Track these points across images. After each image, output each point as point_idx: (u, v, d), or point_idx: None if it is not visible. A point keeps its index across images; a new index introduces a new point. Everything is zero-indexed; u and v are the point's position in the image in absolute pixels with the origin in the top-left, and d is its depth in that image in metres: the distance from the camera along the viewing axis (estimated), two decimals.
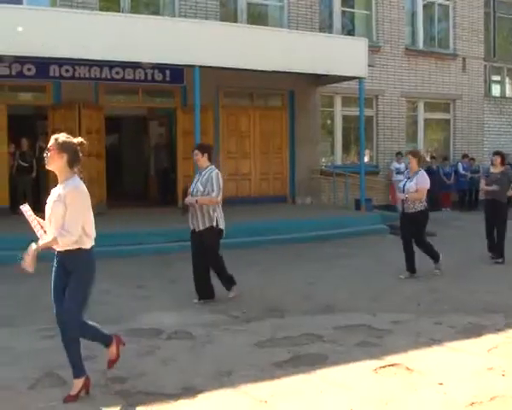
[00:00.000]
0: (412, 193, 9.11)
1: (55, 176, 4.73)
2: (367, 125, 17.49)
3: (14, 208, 14.51)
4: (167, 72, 15.17)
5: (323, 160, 18.11)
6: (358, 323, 6.77)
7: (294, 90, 16.87)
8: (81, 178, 4.66)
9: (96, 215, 4.74)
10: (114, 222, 12.34)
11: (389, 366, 5.42)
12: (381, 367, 5.38)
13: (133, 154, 20.41)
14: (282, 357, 5.63)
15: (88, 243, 4.64)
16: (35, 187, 15.30)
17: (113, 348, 5.00)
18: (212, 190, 7.58)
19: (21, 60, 13.48)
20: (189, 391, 4.85)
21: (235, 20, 16.35)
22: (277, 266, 10.20)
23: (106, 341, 4.98)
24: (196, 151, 7.82)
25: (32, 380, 5.07)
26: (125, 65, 14.45)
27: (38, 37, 11.46)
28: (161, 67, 14.80)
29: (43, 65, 13.95)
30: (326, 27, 17.77)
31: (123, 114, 18.32)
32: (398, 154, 18.13)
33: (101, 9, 14.64)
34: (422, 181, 9.18)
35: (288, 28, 16.42)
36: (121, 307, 7.58)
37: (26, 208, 4.69)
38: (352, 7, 18.76)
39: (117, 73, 14.76)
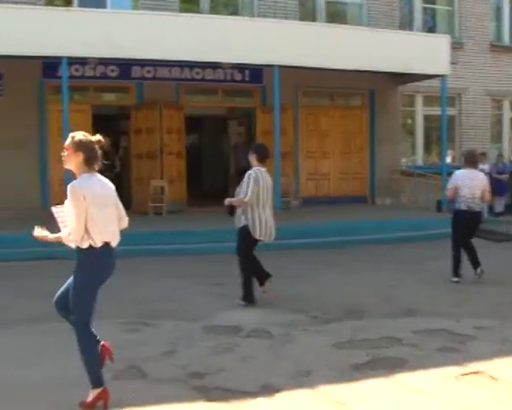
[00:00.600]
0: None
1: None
2: (449, 125, 17.06)
3: None
4: (246, 72, 15.28)
5: (404, 160, 17.78)
6: (440, 327, 6.58)
7: (375, 90, 16.65)
8: (107, 176, 4.63)
9: (175, 213, 4.81)
10: (194, 220, 12.51)
11: (472, 373, 5.23)
12: (463, 374, 5.19)
13: (213, 153, 20.64)
14: (361, 359, 5.54)
15: (87, 243, 4.40)
16: (117, 185, 15.71)
17: (95, 394, 4.43)
18: (245, 192, 7.51)
19: (105, 61, 13.89)
20: (268, 390, 4.84)
21: (313, 19, 16.30)
22: (358, 267, 10.07)
23: (95, 378, 4.44)
24: (250, 151, 7.84)
25: (115, 371, 5.19)
26: (204, 65, 14.65)
27: (121, 39, 11.77)
28: (241, 67, 14.91)
29: (126, 66, 14.33)
30: (406, 25, 17.45)
31: (203, 114, 18.56)
32: (482, 154, 17.55)
33: (181, 11, 14.91)
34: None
35: (368, 26, 16.22)
36: (200, 304, 7.66)
37: (55, 210, 4.68)
38: (434, 3, 18.35)
39: (197, 73, 14.99)
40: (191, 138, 20.04)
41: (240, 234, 7.68)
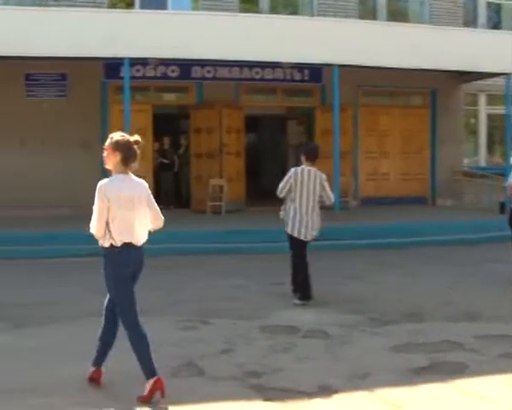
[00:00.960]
0: None
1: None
2: None
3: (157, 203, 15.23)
4: (306, 71, 15.24)
5: (466, 160, 17.38)
6: (502, 333, 6.39)
7: (437, 89, 16.34)
8: (139, 176, 4.74)
9: (234, 212, 4.88)
10: (253, 220, 12.54)
11: None
12: None
13: (271, 153, 20.66)
14: (420, 363, 5.44)
15: (108, 243, 4.56)
16: (175, 183, 15.97)
17: (149, 386, 4.50)
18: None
19: (166, 62, 14.09)
20: (325, 390, 4.81)
21: (374, 17, 16.12)
22: (418, 269, 9.90)
23: (147, 369, 4.57)
24: (301, 152, 7.95)
25: (173, 368, 5.25)
26: (264, 65, 14.68)
27: (182, 40, 11.91)
28: (300, 67, 14.88)
29: (186, 66, 14.50)
30: (470, 21, 17.05)
31: (262, 114, 18.59)
32: None
33: (240, 11, 14.99)
34: None
35: (430, 24, 15.93)
36: (258, 303, 7.67)
37: None
38: None
39: (256, 72, 15.04)
40: (250, 138, 20.12)
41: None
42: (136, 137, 4.78)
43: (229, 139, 14.92)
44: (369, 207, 14.97)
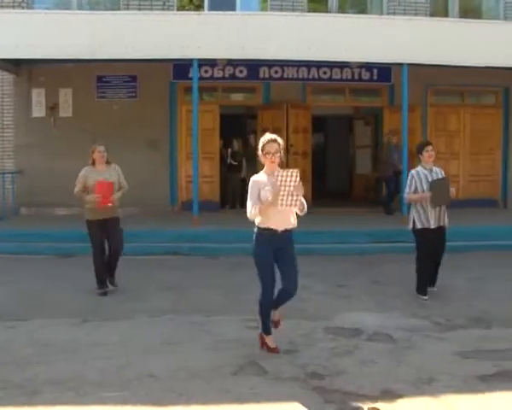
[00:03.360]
0: None
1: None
2: None
3: (223, 204, 15.40)
4: (375, 70, 15.07)
5: None
6: None
7: (509, 87, 15.86)
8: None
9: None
10: (318, 220, 12.49)
11: None
12: None
13: (338, 153, 20.54)
14: (487, 370, 5.31)
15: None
16: (244, 185, 16.04)
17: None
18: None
19: (234, 63, 14.21)
20: (388, 395, 4.76)
21: (445, 14, 15.76)
22: (488, 274, 9.63)
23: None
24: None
25: (235, 367, 5.31)
26: (332, 65, 14.61)
27: (250, 40, 11.99)
28: (369, 66, 14.73)
29: (253, 67, 14.58)
30: None
31: (329, 114, 18.51)
32: None
33: (309, 10, 14.95)
34: None
35: (505, 20, 15.47)
36: (321, 304, 7.67)
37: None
38: None
39: (324, 72, 14.97)
40: (317, 138, 20.06)
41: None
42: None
43: (296, 139, 14.91)
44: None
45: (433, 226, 7.88)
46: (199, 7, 15.08)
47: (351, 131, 19.40)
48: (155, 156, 14.45)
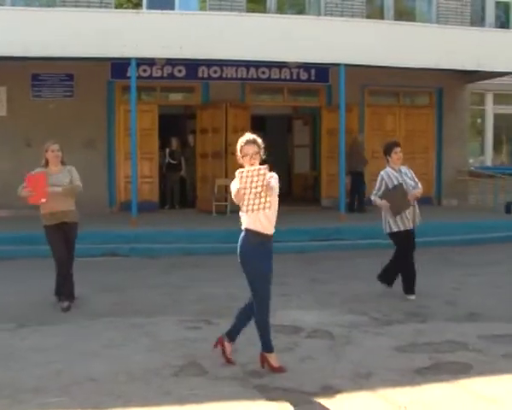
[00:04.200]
0: None
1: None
2: None
3: (162, 204, 15.32)
4: (313, 71, 15.25)
5: (472, 160, 17.34)
6: (505, 333, 6.40)
7: (443, 88, 16.31)
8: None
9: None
10: None
11: None
12: None
13: (277, 152, 20.63)
14: (423, 363, 5.45)
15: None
16: (182, 184, 16.01)
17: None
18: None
19: (173, 62, 14.13)
20: (327, 391, 4.83)
21: (381, 17, 16.11)
22: (422, 270, 9.81)
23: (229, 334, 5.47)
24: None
25: (175, 368, 5.28)
26: (270, 65, 14.70)
27: (189, 40, 11.95)
28: (307, 66, 14.89)
29: (192, 66, 14.54)
30: (478, 21, 17.00)
31: (268, 113, 18.62)
32: None
33: (247, 11, 15.02)
34: None
35: (437, 23, 15.90)
36: None
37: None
38: None
39: (263, 72, 15.06)
40: None
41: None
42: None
43: (235, 139, 14.82)
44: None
45: (409, 228, 7.91)
46: (137, 5, 14.94)
47: (289, 130, 19.55)
48: (93, 157, 14.22)
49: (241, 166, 5.21)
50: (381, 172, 7.96)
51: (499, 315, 7.14)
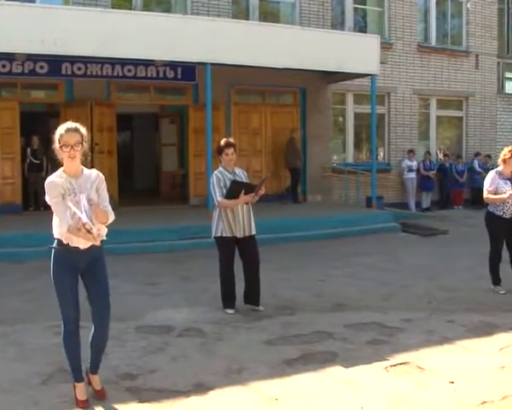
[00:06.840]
0: None
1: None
2: (379, 123, 17.49)
3: (26, 206, 14.65)
4: (179, 69, 15.18)
5: (335, 157, 18.03)
6: (369, 321, 6.75)
7: (306, 88, 16.82)
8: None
9: None
10: (125, 219, 12.33)
11: (400, 364, 5.39)
12: (392, 366, 5.35)
13: (145, 151, 20.47)
14: (293, 355, 5.62)
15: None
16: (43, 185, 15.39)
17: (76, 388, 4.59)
18: None
19: (34, 58, 13.54)
20: (200, 388, 4.85)
21: (246, 17, 16.34)
22: (289, 264, 10.18)
23: (74, 374, 4.60)
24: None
25: (44, 376, 5.10)
26: (136, 62, 14.47)
27: (50, 35, 11.53)
28: (173, 65, 14.80)
29: (55, 63, 14.00)
30: (338, 24, 17.70)
31: (134, 112, 18.38)
32: (410, 151, 18.08)
33: (113, 7, 14.71)
34: None
35: (300, 25, 16.38)
36: (132, 303, 7.59)
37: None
38: (365, 4, 18.65)
39: (129, 70, 14.80)
40: (123, 136, 19.80)
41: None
42: None
43: (101, 138, 14.60)
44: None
45: (239, 236, 7.13)
46: None
47: (157, 129, 19.40)
48: None
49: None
50: (214, 173, 7.11)
51: (363, 304, 7.51)
